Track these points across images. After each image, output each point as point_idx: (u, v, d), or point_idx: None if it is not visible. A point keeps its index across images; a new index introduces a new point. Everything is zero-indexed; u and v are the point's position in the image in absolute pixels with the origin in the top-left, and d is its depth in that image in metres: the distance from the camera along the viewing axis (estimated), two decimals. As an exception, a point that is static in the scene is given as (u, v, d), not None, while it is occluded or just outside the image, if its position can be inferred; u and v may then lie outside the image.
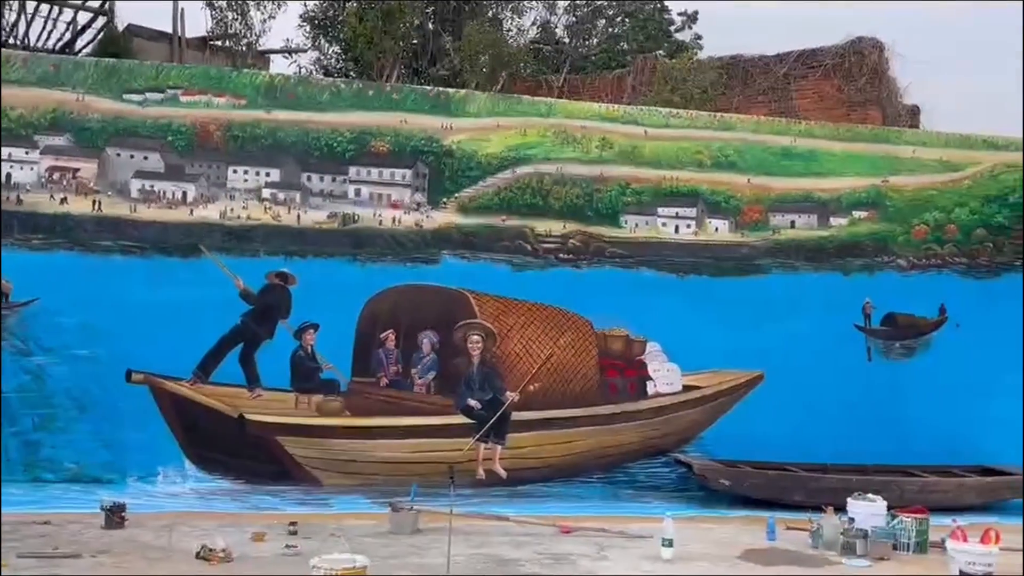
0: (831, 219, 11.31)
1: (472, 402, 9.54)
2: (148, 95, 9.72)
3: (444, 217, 10.58)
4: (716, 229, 11.18)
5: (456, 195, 10.67)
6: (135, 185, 8.81)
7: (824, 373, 10.73)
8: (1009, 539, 8.01)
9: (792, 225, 11.22)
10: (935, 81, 14.54)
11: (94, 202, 9.65)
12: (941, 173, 11.50)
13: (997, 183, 11.58)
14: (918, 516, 8.57)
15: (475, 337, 9.89)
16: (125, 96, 9.48)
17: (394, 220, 10.49)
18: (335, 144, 10.34)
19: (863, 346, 11.28)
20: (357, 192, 10.38)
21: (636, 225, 11.05)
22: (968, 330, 11.21)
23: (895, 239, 11.35)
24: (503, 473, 10.20)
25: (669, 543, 7.88)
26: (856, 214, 11.33)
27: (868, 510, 8.67)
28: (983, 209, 11.49)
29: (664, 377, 10.93)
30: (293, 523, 7.53)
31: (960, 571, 6.98)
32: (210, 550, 6.49)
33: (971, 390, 11.05)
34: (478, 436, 9.99)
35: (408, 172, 10.52)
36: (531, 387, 10.39)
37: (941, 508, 9.35)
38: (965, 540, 7.32)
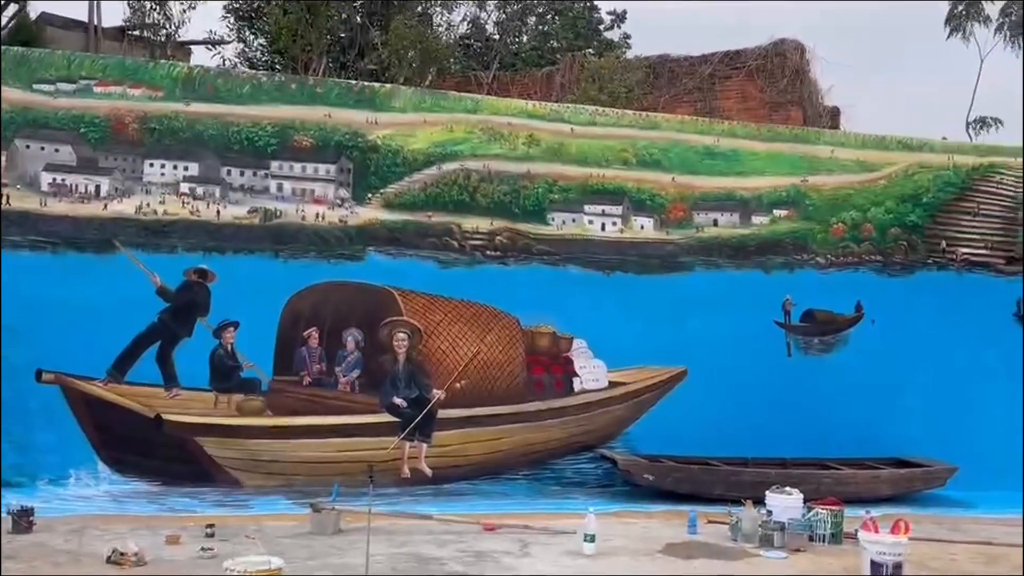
0: (752, 217, 12.10)
1: (397, 400, 9.97)
2: (60, 85, 9.85)
3: (369, 213, 11.05)
4: (641, 227, 11.92)
5: (381, 191, 11.16)
6: (45, 178, 8.92)
7: (745, 368, 11.39)
8: (919, 530, 8.55)
9: (715, 223, 12.00)
10: (855, 83, 15.61)
11: (2, 196, 9.77)
12: (858, 173, 12.38)
13: (912, 183, 12.53)
14: (833, 508, 9.17)
15: (401, 335, 10.32)
16: (35, 86, 9.69)
17: (318, 216, 10.92)
18: (256, 138, 10.74)
19: (783, 342, 12.08)
20: (279, 187, 10.80)
21: (563, 222, 11.70)
22: (883, 326, 12.04)
23: (814, 237, 12.20)
24: (428, 472, 10.59)
25: (591, 538, 8.31)
26: (777, 212, 12.16)
27: (785, 503, 9.25)
28: (898, 208, 12.38)
29: (590, 374, 11.60)
30: (210, 525, 7.58)
31: (871, 561, 7.47)
32: (121, 554, 6.46)
33: (885, 384, 11.86)
34: (403, 435, 10.35)
35: (332, 167, 11.00)
36: (457, 385, 10.91)
37: (856, 500, 10.06)
38: (876, 531, 7.80)
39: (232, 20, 15.95)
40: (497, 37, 17.02)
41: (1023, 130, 14.95)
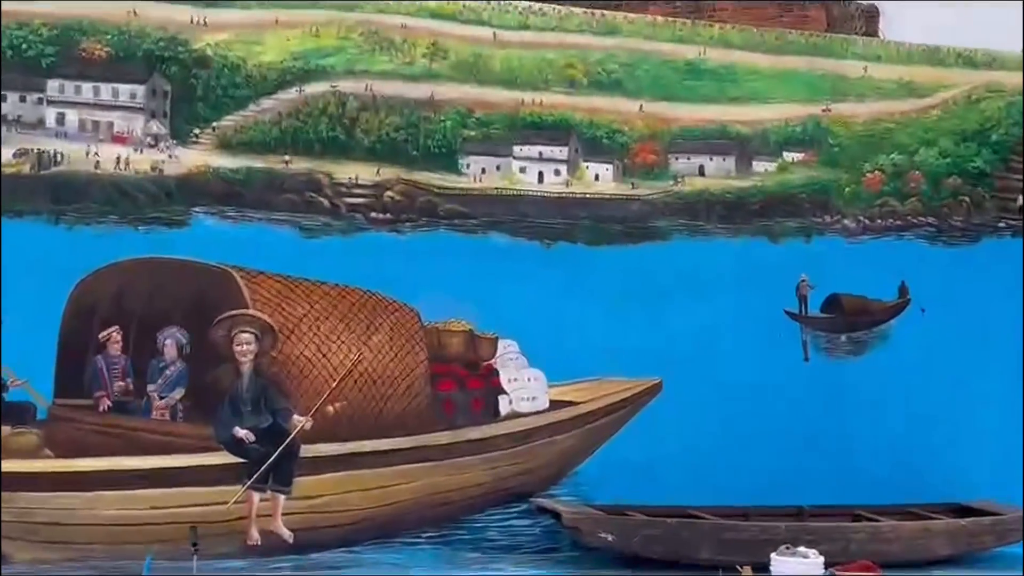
0: (754, 163, 12.48)
1: (241, 432, 9.97)
2: None
3: (196, 157, 11.06)
4: (596, 177, 12.18)
5: (214, 125, 11.22)
6: None
7: (745, 379, 11.74)
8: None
9: (701, 172, 12.30)
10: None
11: None
12: (902, 99, 12.81)
13: (976, 113, 12.96)
14: (867, 575, 9.68)
15: (245, 336, 10.23)
16: None
17: (119, 161, 10.94)
18: (25, 45, 10.67)
19: (798, 340, 12.50)
20: (60, 119, 10.75)
21: (482, 171, 11.88)
22: (936, 316, 12.47)
23: (840, 191, 12.61)
24: (287, 534, 10.58)
25: (526, 629, 8.54)
26: (788, 156, 12.52)
27: (799, 569, 9.61)
28: (957, 150, 12.83)
29: (523, 390, 11.84)
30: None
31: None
32: None
33: (941, 400, 12.31)
34: (250, 482, 10.51)
35: (140, 89, 11.00)
36: (330, 408, 11.02)
37: (901, 563, 10.54)
38: (932, 608, 8.29)
39: None
40: None
41: None
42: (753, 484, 11.54)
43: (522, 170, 11.22)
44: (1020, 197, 12.42)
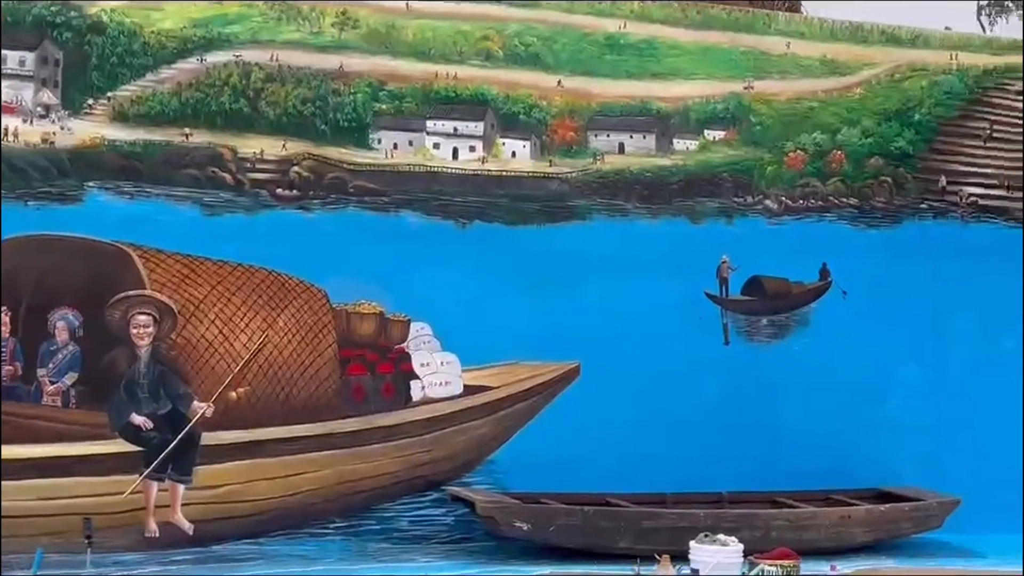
0: (675, 141, 12.89)
1: (138, 419, 10.18)
2: None
3: (90, 129, 11.05)
4: (513, 154, 12.47)
5: (110, 95, 11.30)
6: None
7: (664, 363, 12.11)
8: (909, 590, 8.93)
9: (621, 149, 12.64)
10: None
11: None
12: (825, 77, 13.23)
13: (899, 93, 13.42)
14: (786, 562, 9.78)
15: (142, 318, 10.41)
16: None
17: (7, 133, 10.88)
18: (-97, 9, 10.59)
19: (718, 323, 12.98)
20: (-61, 87, 10.74)
21: (394, 146, 12.13)
22: (857, 299, 13.00)
23: (762, 171, 13.05)
24: (187, 526, 10.74)
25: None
26: (710, 134, 12.93)
27: (718, 556, 9.80)
28: (880, 129, 13.33)
29: (436, 374, 12.15)
30: None
31: (840, 637, 8.11)
32: None
33: (863, 385, 12.83)
34: (148, 471, 10.70)
35: (29, 57, 11.09)
36: (233, 393, 11.24)
37: (820, 550, 10.91)
38: (848, 595, 8.52)
39: None
40: None
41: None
42: (673, 471, 11.89)
43: (436, 146, 11.43)
44: (942, 178, 12.83)
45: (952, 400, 12.78)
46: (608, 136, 12.19)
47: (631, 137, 12.29)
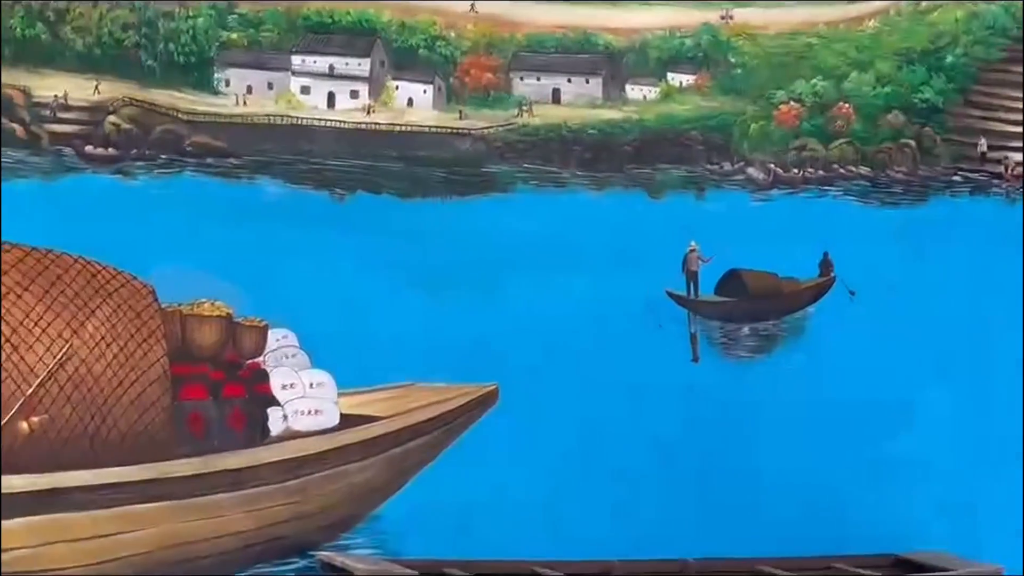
0: (628, 87, 13.27)
1: None
2: None
3: None
4: (410, 102, 12.70)
5: None
6: None
7: (611, 386, 12.29)
8: None
9: (555, 97, 12.91)
10: None
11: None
12: (828, 4, 13.53)
13: (926, 27, 13.76)
14: None
15: None
16: None
17: None
18: None
19: (684, 332, 13.38)
20: None
21: (248, 90, 12.36)
22: (869, 301, 13.34)
23: (744, 129, 13.36)
24: None
25: None
26: (675, 78, 13.27)
27: None
28: (900, 75, 13.69)
29: (303, 399, 12.17)
30: None
31: None
32: None
33: (874, 415, 13.09)
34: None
35: None
36: (23, 423, 11.21)
37: None
38: None
39: None
40: None
41: None
42: (621, 531, 12.04)
43: (304, 90, 11.56)
44: (982, 141, 13.13)
45: (991, 435, 13.04)
46: (538, 80, 12.40)
47: (569, 81, 12.48)
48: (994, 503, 12.64)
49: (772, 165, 12.55)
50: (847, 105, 12.70)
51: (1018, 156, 13.05)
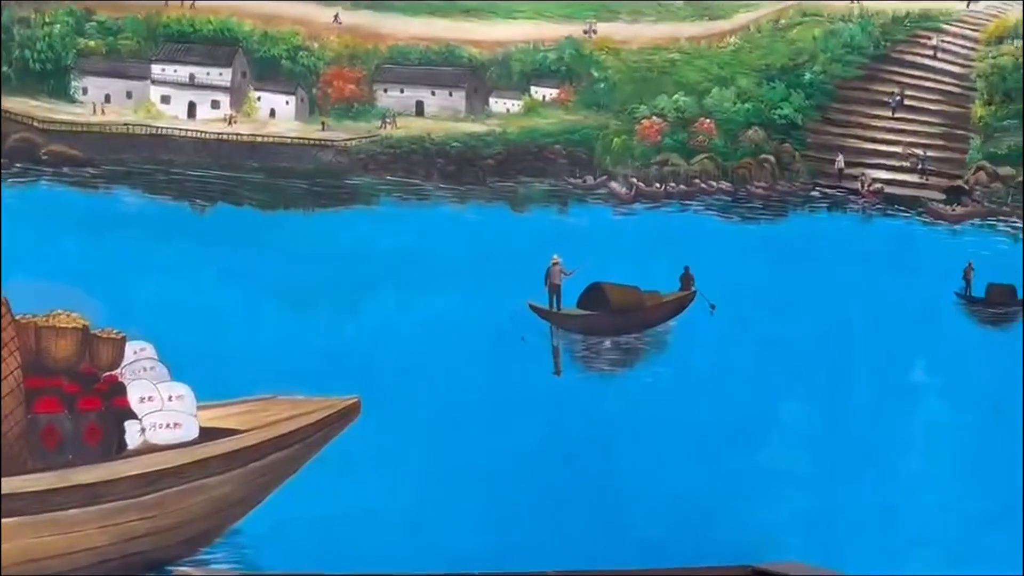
0: (492, 101, 13.21)
1: None
2: None
3: None
4: (272, 113, 12.55)
5: None
6: None
7: (474, 397, 12.38)
8: None
9: (419, 110, 12.89)
10: None
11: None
12: (691, 21, 13.60)
13: (785, 44, 13.98)
14: None
15: None
16: None
17: None
18: None
19: (547, 345, 13.36)
20: None
21: (106, 99, 12.04)
22: (728, 315, 13.49)
23: (607, 143, 13.39)
24: None
25: None
26: (538, 92, 13.28)
27: None
28: (760, 91, 13.85)
29: (162, 412, 12.01)
30: None
31: None
32: None
33: (734, 427, 13.30)
34: None
35: None
36: None
37: None
38: None
39: None
40: None
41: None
42: (483, 542, 12.19)
43: (165, 99, 11.48)
44: (839, 157, 13.40)
45: (849, 446, 13.35)
46: (402, 92, 12.46)
47: (433, 94, 12.57)
48: (850, 512, 12.89)
49: (634, 179, 12.69)
50: (708, 120, 12.82)
51: (874, 174, 13.63)
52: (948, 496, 13.71)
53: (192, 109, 11.12)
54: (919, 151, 14.26)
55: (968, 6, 14.43)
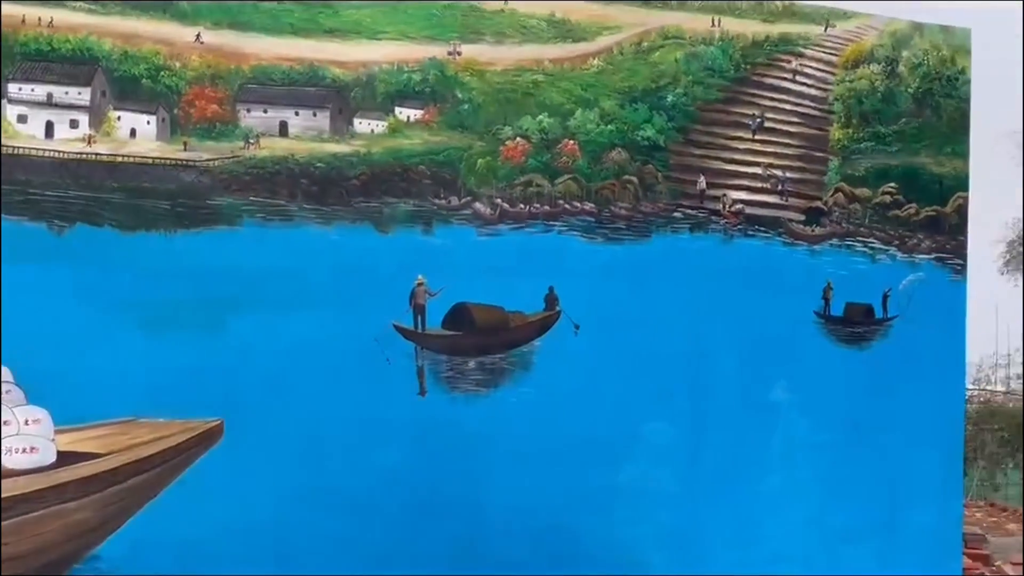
0: (356, 121, 13.19)
1: None
2: None
3: None
4: (132, 133, 12.41)
5: None
6: None
7: (338, 419, 12.45)
8: None
9: (283, 130, 12.83)
10: None
11: None
12: (554, 42, 13.82)
13: (648, 67, 14.22)
14: None
15: None
16: None
17: None
18: None
19: (411, 366, 13.38)
20: None
21: (-42, 117, 11.78)
22: (595, 336, 13.69)
23: (471, 164, 13.50)
24: None
25: None
26: (403, 113, 13.29)
27: None
28: (623, 113, 14.06)
29: (18, 436, 11.95)
30: None
31: None
32: None
33: (598, 446, 13.50)
34: None
35: None
36: None
37: None
38: None
39: None
40: None
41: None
42: (348, 564, 12.28)
43: (21, 119, 11.35)
44: (701, 179, 13.63)
45: (712, 464, 13.67)
46: (265, 112, 12.45)
47: (297, 114, 12.57)
48: (713, 529, 13.28)
49: (499, 200, 12.79)
50: (572, 142, 12.97)
51: (735, 195, 13.95)
52: (809, 512, 14.15)
53: (50, 129, 11.01)
54: (779, 172, 14.59)
55: (826, 30, 14.85)
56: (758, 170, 14.45)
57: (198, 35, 12.32)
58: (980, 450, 39.03)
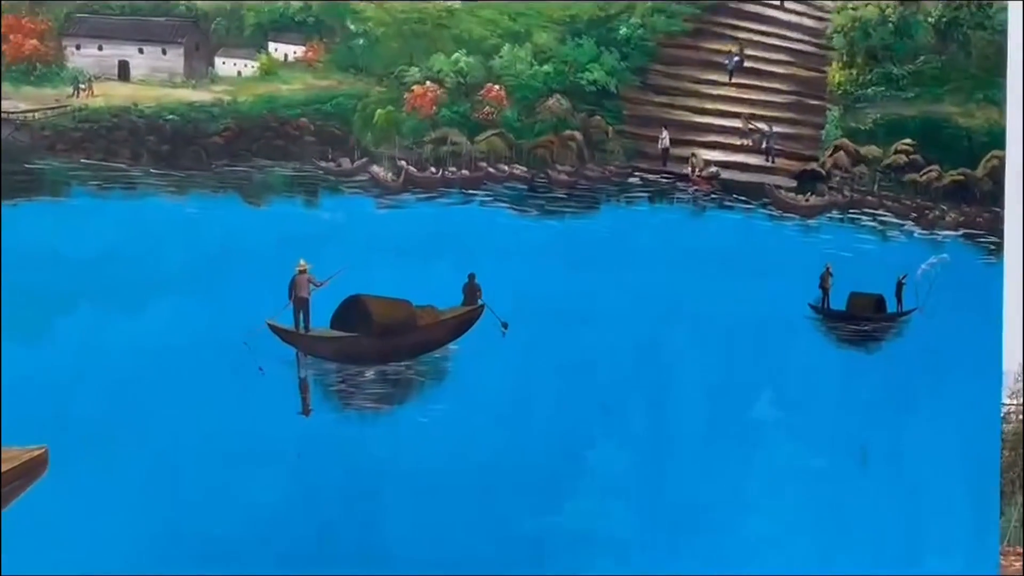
0: (219, 61, 13.22)
1: None
2: None
3: None
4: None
5: None
6: None
7: (196, 445, 12.74)
8: None
9: (122, 72, 12.96)
10: None
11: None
12: None
13: None
14: None
15: None
16: None
17: None
18: None
19: (292, 377, 13.44)
20: None
21: None
22: (527, 334, 13.89)
23: (367, 115, 13.65)
24: None
25: None
26: (277, 50, 13.35)
27: None
28: (563, 50, 14.17)
29: None
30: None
31: None
32: None
33: (535, 476, 13.76)
34: None
35: None
36: None
37: None
38: None
39: None
40: None
41: None
42: None
43: None
44: (664, 134, 13.88)
45: (675, 503, 14.06)
46: (100, 49, 12.61)
47: (141, 52, 12.73)
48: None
49: (403, 162, 12.97)
50: (497, 87, 13.16)
51: (707, 155, 13.94)
52: (803, 564, 14.23)
53: None
54: (763, 126, 14.74)
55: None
56: (737, 123, 14.59)
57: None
58: (1020, 482, 39.19)
